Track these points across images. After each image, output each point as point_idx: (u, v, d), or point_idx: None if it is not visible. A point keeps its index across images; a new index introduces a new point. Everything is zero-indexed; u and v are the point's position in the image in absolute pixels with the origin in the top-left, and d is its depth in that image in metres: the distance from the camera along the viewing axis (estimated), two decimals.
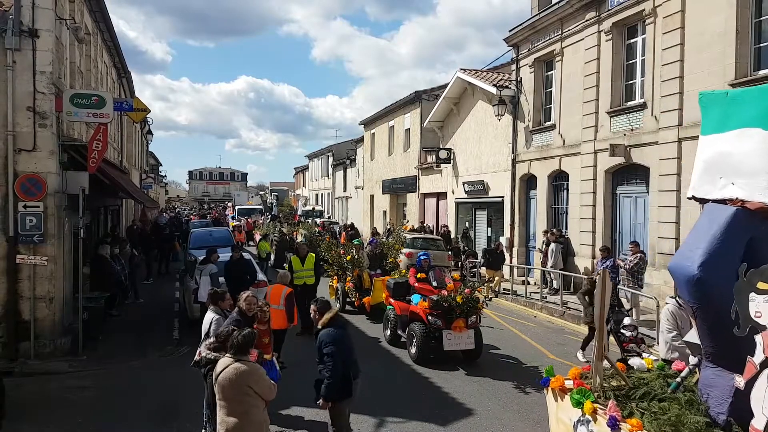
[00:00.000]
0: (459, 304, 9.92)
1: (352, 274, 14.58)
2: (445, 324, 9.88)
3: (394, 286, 11.62)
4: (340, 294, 15.02)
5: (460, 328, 9.89)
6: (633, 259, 12.27)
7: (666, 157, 13.30)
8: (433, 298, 10.10)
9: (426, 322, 10.08)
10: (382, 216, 34.02)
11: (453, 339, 9.88)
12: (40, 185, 10.09)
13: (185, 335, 12.17)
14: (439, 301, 9.99)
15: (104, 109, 10.88)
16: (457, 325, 9.88)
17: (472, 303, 10.09)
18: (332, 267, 15.33)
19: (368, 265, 14.57)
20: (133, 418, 7.78)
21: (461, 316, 9.93)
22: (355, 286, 14.37)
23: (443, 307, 9.92)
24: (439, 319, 9.92)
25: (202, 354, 6.44)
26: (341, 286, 15.04)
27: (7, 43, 9.80)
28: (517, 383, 9.15)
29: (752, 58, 11.58)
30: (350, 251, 15.09)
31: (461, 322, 9.90)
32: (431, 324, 10.01)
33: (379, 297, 13.29)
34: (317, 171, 55.06)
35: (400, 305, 11.13)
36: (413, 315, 10.55)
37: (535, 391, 8.81)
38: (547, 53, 18.23)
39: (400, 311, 11.03)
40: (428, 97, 27.47)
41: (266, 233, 26.54)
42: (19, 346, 10.13)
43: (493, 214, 21.96)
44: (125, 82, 23.11)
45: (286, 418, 7.61)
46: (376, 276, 13.99)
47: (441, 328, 9.91)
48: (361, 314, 14.11)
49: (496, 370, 9.83)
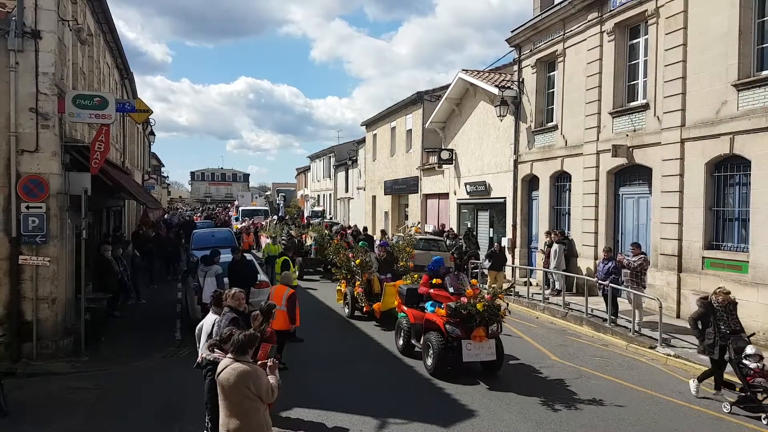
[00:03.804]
0: (479, 312, 9.21)
1: (361, 279, 13.99)
2: (464, 333, 9.20)
3: (407, 293, 11.01)
4: (349, 299, 14.32)
5: (481, 338, 9.18)
6: (636, 260, 12.25)
7: (669, 157, 13.27)
8: (450, 306, 9.40)
9: (443, 331, 9.42)
10: (384, 217, 34.01)
11: (473, 349, 9.20)
12: (43, 186, 10.10)
13: (187, 336, 12.14)
14: (458, 308, 9.30)
15: (107, 110, 10.88)
16: (478, 335, 9.16)
17: (493, 310, 9.38)
18: (340, 271, 14.73)
19: (378, 268, 14.05)
20: (135, 418, 7.79)
21: (481, 324, 9.23)
22: (365, 291, 13.75)
23: (462, 315, 9.25)
24: (458, 328, 9.23)
25: (202, 355, 6.44)
26: (350, 291, 14.33)
27: (9, 45, 9.82)
28: (519, 385, 9.12)
29: (755, 59, 11.55)
30: (359, 254, 14.50)
31: (482, 331, 9.19)
32: (449, 333, 9.32)
33: (389, 303, 12.73)
34: (319, 172, 55.07)
35: (414, 313, 10.49)
36: (429, 324, 9.90)
37: (537, 391, 8.82)
38: (549, 54, 18.21)
39: (414, 319, 10.39)
40: (430, 97, 27.46)
41: (274, 236, 25.01)
42: (22, 346, 10.14)
43: (495, 215, 21.94)
44: (127, 83, 23.12)
45: (286, 420, 7.59)
46: (387, 280, 13.43)
47: (460, 337, 9.22)
48: (370, 320, 13.57)
49: (498, 371, 9.74)
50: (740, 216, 11.98)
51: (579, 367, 10.23)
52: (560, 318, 14.15)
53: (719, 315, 8.37)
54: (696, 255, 12.66)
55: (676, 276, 13.07)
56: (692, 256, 12.77)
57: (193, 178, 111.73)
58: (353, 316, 14.04)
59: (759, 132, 11.11)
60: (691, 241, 12.81)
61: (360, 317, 13.92)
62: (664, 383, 9.37)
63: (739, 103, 11.59)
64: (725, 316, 8.36)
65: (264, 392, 4.96)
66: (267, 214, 42.50)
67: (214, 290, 8.74)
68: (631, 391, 8.96)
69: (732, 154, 11.80)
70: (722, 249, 12.26)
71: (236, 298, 7.11)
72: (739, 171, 11.96)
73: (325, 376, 9.61)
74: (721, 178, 12.39)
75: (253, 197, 64.25)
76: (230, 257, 12.65)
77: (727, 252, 12.11)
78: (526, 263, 19.16)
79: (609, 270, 12.70)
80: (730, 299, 8.49)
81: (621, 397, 8.65)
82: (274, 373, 5.23)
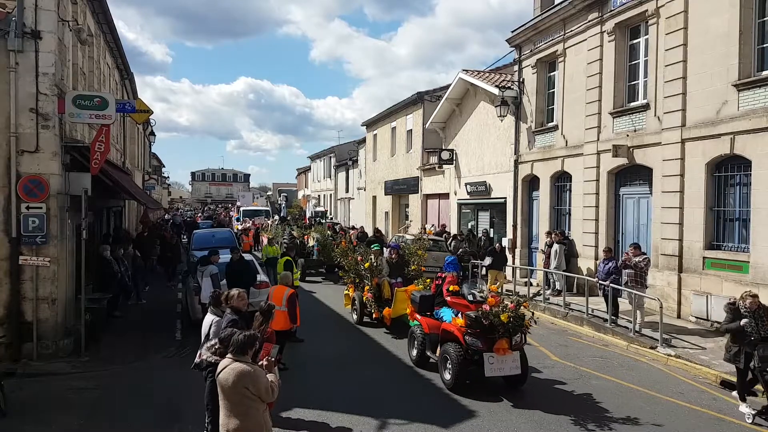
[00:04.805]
0: (503, 323, 8.47)
1: (370, 283, 13.27)
2: (485, 345, 8.50)
3: (420, 300, 10.34)
4: (357, 304, 13.58)
5: (504, 350, 8.47)
6: (640, 260, 12.23)
7: (669, 158, 13.26)
8: (470, 315, 8.65)
9: (462, 342, 8.74)
10: (384, 217, 34.02)
11: (496, 363, 8.47)
12: (43, 186, 10.10)
13: (187, 336, 12.18)
14: (479, 318, 8.55)
15: (107, 110, 10.88)
16: (501, 347, 8.45)
17: (518, 320, 8.62)
18: (348, 274, 14.12)
19: (388, 272, 13.31)
20: (135, 419, 7.78)
21: (505, 335, 8.52)
22: (374, 297, 13.03)
23: (483, 326, 8.52)
24: (479, 339, 8.55)
25: (203, 356, 6.43)
26: (358, 296, 13.58)
27: (9, 45, 9.82)
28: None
29: (755, 59, 11.54)
30: (368, 257, 13.85)
31: (505, 342, 8.48)
32: (469, 345, 8.65)
33: (401, 309, 12.06)
34: (319, 172, 55.06)
35: (429, 322, 9.82)
36: (446, 334, 9.20)
37: (538, 392, 8.82)
38: (549, 54, 18.20)
39: (429, 329, 9.70)
40: (430, 97, 27.45)
41: (274, 236, 23.88)
42: (22, 347, 10.14)
43: (496, 215, 21.93)
44: (128, 83, 23.12)
45: (286, 420, 7.58)
46: (397, 285, 12.73)
47: (481, 350, 8.54)
48: (379, 327, 12.89)
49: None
50: (741, 216, 11.96)
51: (579, 367, 10.22)
52: (561, 318, 14.14)
53: (750, 321, 7.79)
54: (697, 255, 12.65)
55: (676, 276, 13.06)
56: (693, 257, 12.76)
57: (194, 178, 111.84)
58: (362, 322, 13.40)
59: (759, 132, 11.10)
60: (691, 242, 12.79)
61: (369, 323, 13.30)
62: (664, 383, 9.35)
63: (740, 103, 11.59)
64: (755, 323, 7.79)
65: (263, 392, 4.96)
66: (268, 214, 42.42)
67: (212, 290, 8.73)
68: (631, 392, 8.95)
69: (732, 154, 11.79)
70: (723, 249, 12.25)
71: (241, 298, 7.13)
72: (739, 171, 11.95)
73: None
74: (722, 178, 12.38)
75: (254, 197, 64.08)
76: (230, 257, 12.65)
77: (728, 252, 12.09)
78: (527, 263, 19.15)
79: (609, 270, 12.69)
80: (758, 303, 7.95)
81: (622, 398, 8.64)
82: (272, 371, 5.23)
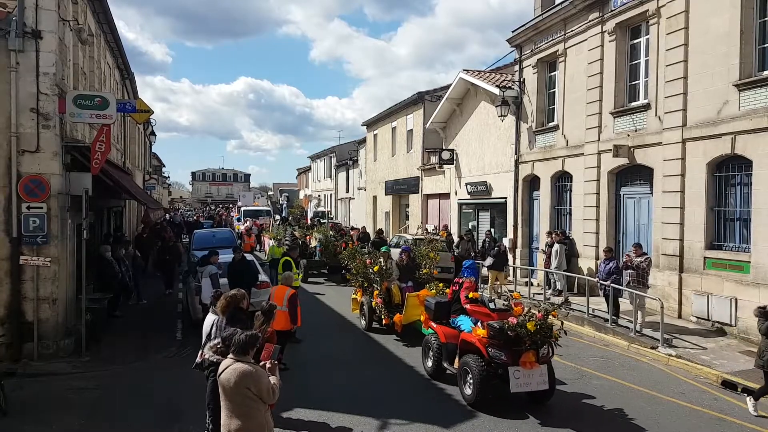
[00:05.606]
0: (530, 334, 7.83)
1: (380, 288, 12.63)
2: (510, 358, 7.84)
3: (435, 307, 9.65)
4: (366, 310, 12.94)
5: (531, 364, 7.82)
6: (641, 260, 12.22)
7: (670, 157, 13.25)
8: (494, 326, 7.98)
9: (485, 355, 8.06)
10: (384, 217, 34.01)
11: (522, 378, 7.81)
12: (44, 186, 10.10)
13: (188, 336, 12.18)
14: (503, 329, 7.89)
15: (107, 110, 10.88)
16: (527, 360, 7.82)
17: (545, 331, 7.98)
18: (356, 278, 13.42)
19: (398, 276, 12.79)
20: (136, 419, 7.78)
21: (531, 348, 7.88)
22: (384, 302, 12.40)
23: (508, 337, 7.87)
24: (503, 352, 7.89)
25: (205, 356, 6.42)
26: (367, 301, 12.92)
27: (10, 45, 9.82)
28: None
29: (756, 59, 11.53)
30: (378, 260, 13.29)
31: (532, 355, 7.85)
32: (492, 358, 7.98)
33: (412, 315, 11.47)
34: (320, 172, 55.04)
35: (445, 331, 9.16)
36: (465, 345, 8.53)
37: None
38: (550, 54, 18.19)
39: (446, 338, 9.05)
40: (431, 97, 27.44)
41: (278, 237, 23.13)
42: (23, 347, 10.14)
43: (496, 215, 21.92)
44: (128, 83, 23.13)
45: (287, 420, 7.58)
46: (408, 290, 12.22)
47: (505, 363, 7.88)
48: (389, 333, 12.32)
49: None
50: (742, 216, 11.95)
51: (580, 367, 10.21)
52: (561, 318, 14.11)
53: None
54: (697, 255, 12.64)
55: (677, 276, 13.05)
56: (694, 257, 12.75)
57: (194, 178, 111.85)
58: (371, 328, 12.80)
59: (760, 132, 11.09)
60: (692, 242, 12.78)
61: (378, 329, 12.70)
62: (665, 383, 9.35)
63: (741, 103, 11.57)
64: None
65: (265, 393, 4.95)
66: (269, 214, 42.36)
67: (213, 291, 8.73)
68: (632, 392, 8.94)
69: (733, 154, 11.78)
70: (724, 249, 12.24)
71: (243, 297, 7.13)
72: (740, 171, 11.94)
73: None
74: (723, 178, 12.37)
75: (255, 197, 64.07)
76: (231, 257, 12.65)
77: (729, 252, 12.08)
78: (527, 263, 19.14)
79: (610, 270, 12.68)
80: None
81: (622, 398, 8.63)
82: (275, 373, 5.22)
